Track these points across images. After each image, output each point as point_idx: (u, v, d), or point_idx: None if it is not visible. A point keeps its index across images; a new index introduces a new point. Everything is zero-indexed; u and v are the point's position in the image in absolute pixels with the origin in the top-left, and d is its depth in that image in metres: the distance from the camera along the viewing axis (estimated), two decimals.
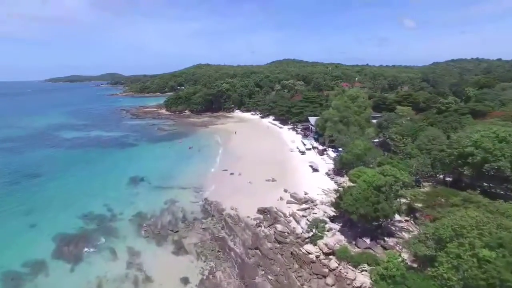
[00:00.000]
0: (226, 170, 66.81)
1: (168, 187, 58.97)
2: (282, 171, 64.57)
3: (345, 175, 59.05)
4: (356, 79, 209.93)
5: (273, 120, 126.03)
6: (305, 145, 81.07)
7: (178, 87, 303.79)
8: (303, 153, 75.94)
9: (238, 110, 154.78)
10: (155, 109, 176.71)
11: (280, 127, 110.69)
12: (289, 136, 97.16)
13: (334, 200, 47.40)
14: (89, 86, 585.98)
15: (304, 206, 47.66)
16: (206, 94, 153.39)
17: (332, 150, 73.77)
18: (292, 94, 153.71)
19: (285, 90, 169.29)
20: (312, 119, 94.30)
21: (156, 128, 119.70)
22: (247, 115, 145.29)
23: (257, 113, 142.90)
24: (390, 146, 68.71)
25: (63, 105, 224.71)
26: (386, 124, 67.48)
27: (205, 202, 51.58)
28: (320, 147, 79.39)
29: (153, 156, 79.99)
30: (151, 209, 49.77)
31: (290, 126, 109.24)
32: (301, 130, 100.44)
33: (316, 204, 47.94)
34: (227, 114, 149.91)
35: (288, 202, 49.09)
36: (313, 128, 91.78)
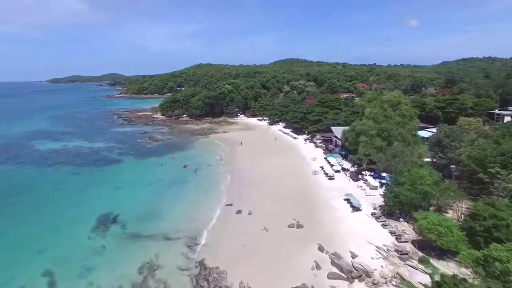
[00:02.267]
0: (230, 205, 49.00)
1: (149, 236, 41.20)
2: (308, 207, 46.73)
3: (401, 219, 41.25)
4: (371, 79, 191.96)
5: (284, 127, 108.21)
6: (332, 165, 63.08)
7: (178, 88, 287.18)
8: (331, 177, 57.91)
9: (243, 115, 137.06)
10: (149, 113, 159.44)
11: (294, 137, 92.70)
12: (308, 150, 79.18)
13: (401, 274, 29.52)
14: (88, 87, 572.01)
15: (358, 285, 29.81)
16: (207, 96, 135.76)
17: (371, 175, 55.81)
18: (304, 97, 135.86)
19: (295, 91, 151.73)
20: (337, 130, 76.32)
21: (147, 138, 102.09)
22: (253, 120, 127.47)
23: (265, 118, 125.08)
24: (451, 172, 50.88)
25: (53, 108, 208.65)
26: (449, 142, 49.36)
27: (200, 270, 33.70)
28: (352, 169, 61.48)
29: (136, 180, 62.19)
30: (116, 283, 32.02)
31: (306, 136, 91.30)
32: (321, 143, 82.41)
33: (377, 283, 30.04)
34: (230, 120, 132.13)
35: (331, 276, 31.18)
36: (339, 141, 73.80)
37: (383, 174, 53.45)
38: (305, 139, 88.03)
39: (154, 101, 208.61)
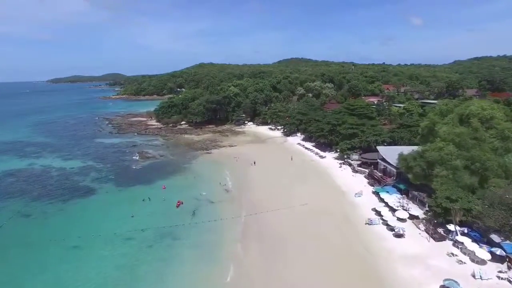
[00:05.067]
0: None
1: None
2: None
3: None
4: (391, 80, 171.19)
5: (304, 140, 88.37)
6: (392, 209, 43.10)
7: (178, 89, 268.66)
8: (399, 234, 37.90)
9: (251, 123, 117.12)
10: (144, 119, 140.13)
11: (321, 156, 72.68)
12: (345, 177, 59.18)
13: None
14: (87, 87, 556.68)
15: None
16: (209, 101, 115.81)
17: (465, 232, 35.84)
18: (323, 101, 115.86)
19: (310, 94, 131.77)
20: (386, 151, 56.39)
21: (135, 154, 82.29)
22: (264, 130, 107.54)
23: (278, 127, 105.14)
24: None
25: (40, 112, 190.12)
26: None
27: None
28: (423, 215, 41.63)
29: (106, 231, 42.29)
30: None
31: (335, 154, 71.54)
32: (360, 166, 62.42)
33: None
34: (237, 129, 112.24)
35: None
36: (390, 168, 53.77)
37: (494, 237, 33.56)
38: (339, 162, 67.58)
39: (151, 103, 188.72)
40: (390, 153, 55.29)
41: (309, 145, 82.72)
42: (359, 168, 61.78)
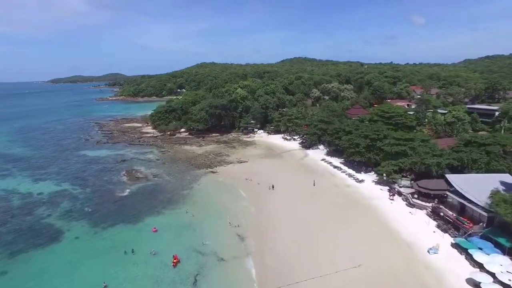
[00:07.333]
0: None
1: None
2: None
3: None
4: (412, 81, 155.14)
5: (328, 155, 72.89)
6: (505, 286, 27.53)
7: (178, 90, 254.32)
8: None
9: (261, 131, 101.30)
10: (139, 125, 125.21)
11: (357, 179, 56.82)
12: (398, 214, 43.50)
13: None
14: (86, 87, 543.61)
15: None
16: (212, 105, 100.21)
17: None
18: (345, 106, 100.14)
19: (326, 97, 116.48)
20: (460, 181, 40.75)
21: (123, 174, 66.97)
22: (278, 140, 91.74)
23: (294, 137, 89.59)
24: None
25: (29, 115, 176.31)
26: None
27: None
28: None
29: None
30: None
31: (373, 176, 56.09)
32: (417, 197, 46.61)
33: None
34: (245, 138, 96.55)
35: None
36: (473, 207, 38.01)
37: None
38: (386, 189, 51.87)
39: (150, 106, 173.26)
40: (469, 185, 39.92)
41: (337, 161, 67.25)
42: (416, 201, 46.08)
